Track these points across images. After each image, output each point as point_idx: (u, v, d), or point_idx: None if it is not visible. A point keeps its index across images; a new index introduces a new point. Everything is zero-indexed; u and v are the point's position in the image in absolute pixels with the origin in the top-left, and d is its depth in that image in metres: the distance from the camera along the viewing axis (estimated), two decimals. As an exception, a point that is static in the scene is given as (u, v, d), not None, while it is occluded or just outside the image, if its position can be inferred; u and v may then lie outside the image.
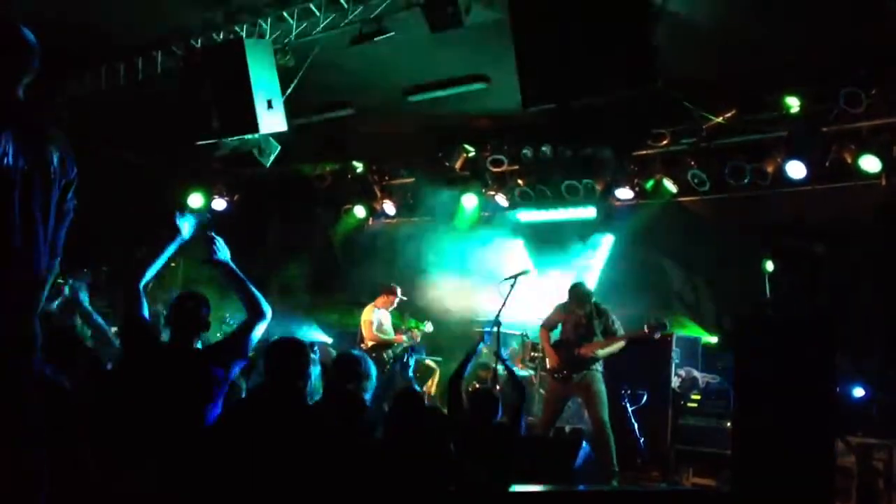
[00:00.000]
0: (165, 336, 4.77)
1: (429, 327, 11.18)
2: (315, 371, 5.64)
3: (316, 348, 6.85)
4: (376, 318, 10.92)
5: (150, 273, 4.61)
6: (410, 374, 6.41)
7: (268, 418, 4.37)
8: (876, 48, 8.13)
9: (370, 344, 10.73)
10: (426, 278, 11.54)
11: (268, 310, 4.66)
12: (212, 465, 4.16)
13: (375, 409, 5.00)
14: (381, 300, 11.06)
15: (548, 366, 9.02)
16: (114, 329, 6.26)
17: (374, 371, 5.26)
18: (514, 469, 5.44)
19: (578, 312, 8.96)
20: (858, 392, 8.04)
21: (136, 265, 4.64)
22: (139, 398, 4.30)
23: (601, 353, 8.74)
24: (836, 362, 6.24)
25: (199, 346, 4.62)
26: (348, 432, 4.50)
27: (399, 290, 11.08)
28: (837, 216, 9.14)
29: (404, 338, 10.88)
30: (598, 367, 8.76)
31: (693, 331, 10.05)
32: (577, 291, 9.04)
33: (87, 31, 8.81)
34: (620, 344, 8.80)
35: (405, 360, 6.42)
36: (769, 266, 6.68)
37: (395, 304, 11.12)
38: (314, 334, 12.13)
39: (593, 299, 9.09)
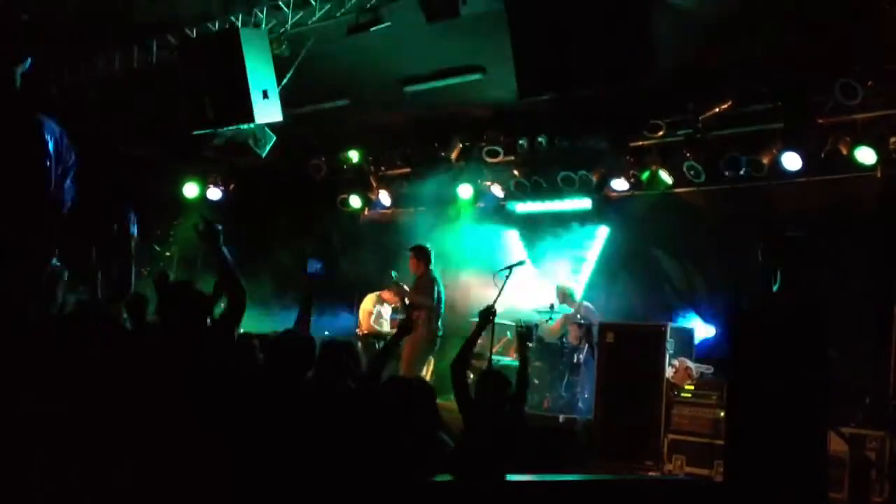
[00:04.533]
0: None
1: None
2: None
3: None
4: (376, 310, 10.99)
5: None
6: None
7: (269, 407, 4.42)
8: (872, 42, 8.14)
9: (365, 332, 10.80)
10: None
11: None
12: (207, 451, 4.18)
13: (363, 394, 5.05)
14: (386, 294, 11.07)
15: None
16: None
17: (362, 358, 5.32)
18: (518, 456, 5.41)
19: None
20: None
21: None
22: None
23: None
24: (830, 354, 6.26)
25: None
26: (336, 417, 4.53)
27: (406, 300, 10.41)
28: (833, 208, 9.15)
29: None
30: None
31: (687, 321, 10.06)
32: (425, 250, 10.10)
33: (82, 20, 8.80)
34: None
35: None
36: (761, 257, 6.69)
37: (394, 305, 11.15)
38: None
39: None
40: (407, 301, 9.76)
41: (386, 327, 11.07)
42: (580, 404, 9.89)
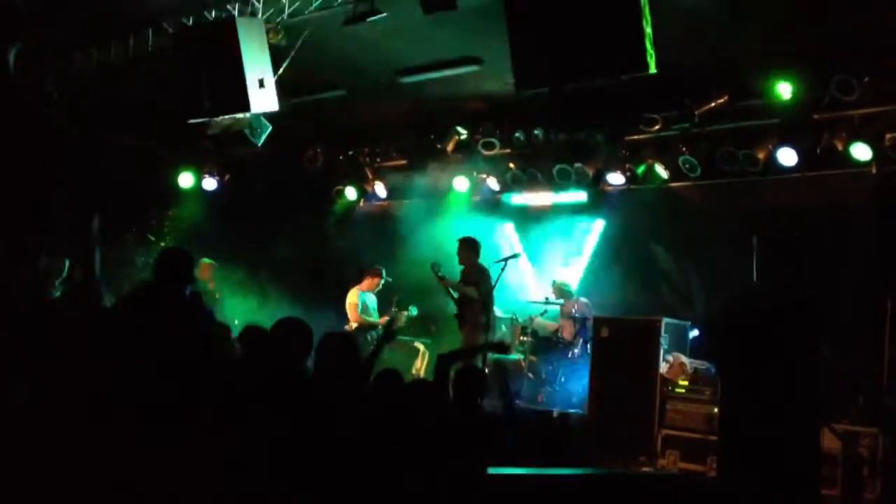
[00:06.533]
0: None
1: (414, 312, 11.21)
2: None
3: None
4: (361, 301, 11.00)
5: None
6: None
7: (265, 392, 4.43)
8: (868, 37, 8.14)
9: (355, 326, 10.80)
10: (416, 261, 11.53)
11: None
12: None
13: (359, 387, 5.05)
14: (366, 283, 11.16)
15: None
16: None
17: (361, 351, 5.33)
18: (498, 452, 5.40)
19: None
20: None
21: None
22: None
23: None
24: (824, 350, 6.26)
25: None
26: (335, 409, 4.53)
27: (384, 272, 11.13)
28: (828, 203, 9.17)
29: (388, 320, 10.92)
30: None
31: (682, 317, 10.07)
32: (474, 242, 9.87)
33: (78, 8, 8.74)
34: None
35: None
36: (755, 253, 6.69)
37: (380, 286, 11.16)
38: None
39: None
40: (455, 293, 9.56)
41: (375, 317, 11.08)
42: (574, 399, 9.89)
